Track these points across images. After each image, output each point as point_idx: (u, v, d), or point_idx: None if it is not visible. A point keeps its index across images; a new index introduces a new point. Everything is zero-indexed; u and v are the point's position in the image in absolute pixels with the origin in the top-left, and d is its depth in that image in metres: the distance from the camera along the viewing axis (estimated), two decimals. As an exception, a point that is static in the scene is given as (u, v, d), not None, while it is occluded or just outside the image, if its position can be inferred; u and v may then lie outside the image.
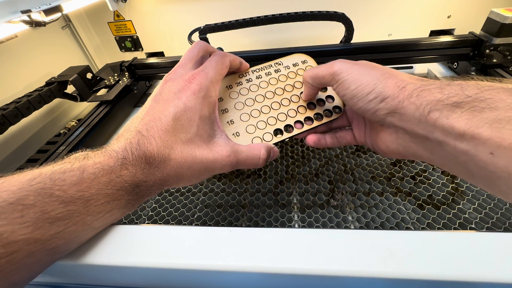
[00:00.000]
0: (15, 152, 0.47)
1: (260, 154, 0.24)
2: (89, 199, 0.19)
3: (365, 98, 0.20)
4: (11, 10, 0.37)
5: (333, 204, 0.32)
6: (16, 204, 0.16)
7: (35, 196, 0.17)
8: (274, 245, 0.20)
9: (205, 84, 0.23)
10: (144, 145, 0.20)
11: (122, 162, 0.20)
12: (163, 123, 0.21)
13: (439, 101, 0.17)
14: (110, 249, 0.21)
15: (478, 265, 0.17)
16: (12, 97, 0.45)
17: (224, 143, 0.23)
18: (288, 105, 0.28)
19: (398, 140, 0.21)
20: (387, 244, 0.19)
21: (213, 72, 0.24)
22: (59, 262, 0.20)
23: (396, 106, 0.19)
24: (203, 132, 0.23)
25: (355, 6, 0.60)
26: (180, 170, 0.21)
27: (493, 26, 0.45)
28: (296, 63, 0.31)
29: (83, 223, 0.19)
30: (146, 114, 0.22)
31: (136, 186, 0.20)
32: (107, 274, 0.22)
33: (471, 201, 0.30)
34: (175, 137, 0.21)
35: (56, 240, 0.18)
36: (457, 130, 0.16)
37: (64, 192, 0.18)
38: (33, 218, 0.16)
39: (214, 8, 0.62)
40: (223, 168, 0.23)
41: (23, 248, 0.16)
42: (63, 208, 0.18)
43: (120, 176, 0.20)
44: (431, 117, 0.17)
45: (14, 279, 0.17)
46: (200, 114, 0.23)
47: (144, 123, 0.21)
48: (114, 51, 0.71)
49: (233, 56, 0.27)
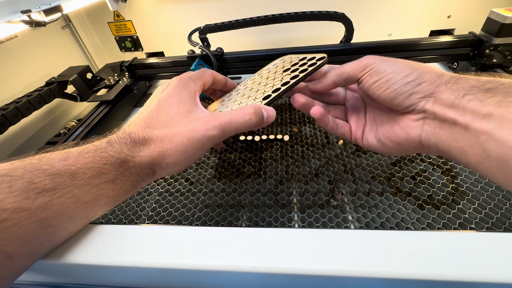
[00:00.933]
0: (15, 152, 0.47)
1: (245, 111, 0.23)
2: (75, 173, 0.19)
3: (402, 80, 0.21)
4: (11, 10, 0.37)
5: (333, 204, 0.32)
6: (4, 176, 0.17)
7: (23, 169, 0.18)
8: (274, 245, 0.20)
9: (184, 79, 0.26)
10: (129, 129, 0.23)
11: (108, 141, 0.22)
12: (148, 111, 0.24)
13: (474, 87, 0.19)
14: (110, 249, 0.21)
15: (478, 265, 0.17)
16: (12, 97, 0.45)
17: (204, 113, 0.24)
18: (272, 82, 0.27)
19: (423, 126, 0.21)
20: (387, 244, 0.19)
21: (193, 73, 0.28)
22: (58, 262, 0.20)
23: (433, 90, 0.20)
24: (182, 110, 0.24)
25: (355, 6, 0.60)
26: (163, 145, 0.22)
27: (493, 26, 0.45)
28: (275, 63, 0.33)
29: (71, 196, 0.19)
30: (137, 114, 0.25)
31: (123, 161, 0.21)
32: (107, 274, 0.22)
33: (471, 201, 0.30)
34: (157, 120, 0.23)
35: (45, 211, 0.18)
36: (486, 110, 0.17)
37: (51, 166, 0.19)
38: (21, 188, 0.17)
39: (214, 8, 0.62)
40: (207, 134, 0.22)
41: (12, 217, 0.16)
42: (50, 180, 0.18)
43: (106, 151, 0.21)
44: (464, 99, 0.18)
45: (8, 250, 0.17)
46: (180, 97, 0.24)
47: (132, 119, 0.25)
48: (114, 51, 0.71)
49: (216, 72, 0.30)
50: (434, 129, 0.21)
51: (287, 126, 0.45)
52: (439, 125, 0.20)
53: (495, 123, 0.17)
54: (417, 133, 0.22)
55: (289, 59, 0.32)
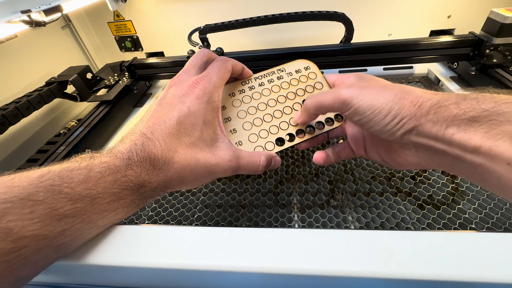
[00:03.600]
0: (15, 152, 0.47)
1: (260, 161, 0.24)
2: (96, 197, 0.19)
3: (382, 121, 0.20)
4: (11, 10, 0.37)
5: (333, 204, 0.32)
6: (26, 200, 0.16)
7: (45, 192, 0.17)
8: (274, 245, 0.20)
9: (208, 89, 0.23)
10: (149, 147, 0.21)
11: (128, 163, 0.20)
12: (167, 126, 0.21)
13: (456, 116, 0.17)
14: (110, 249, 0.21)
15: (478, 265, 0.17)
16: (12, 97, 0.45)
17: (226, 147, 0.24)
18: (290, 113, 0.28)
19: (418, 154, 0.21)
20: (387, 244, 0.19)
21: (216, 77, 0.24)
22: (59, 262, 0.20)
23: (414, 125, 0.19)
24: (206, 136, 0.23)
25: (355, 6, 0.60)
26: (183, 173, 0.22)
27: (493, 26, 0.45)
28: (299, 69, 0.30)
29: (89, 221, 0.19)
30: (151, 117, 0.22)
31: (141, 186, 0.21)
32: (107, 274, 0.22)
33: (471, 201, 0.30)
34: (178, 141, 0.21)
35: (63, 237, 0.18)
36: (473, 144, 0.16)
37: (72, 189, 0.18)
38: (42, 215, 0.17)
39: (214, 8, 0.62)
40: (225, 172, 0.23)
41: (31, 244, 0.16)
42: (71, 205, 0.18)
43: (126, 176, 0.20)
44: (448, 132, 0.18)
45: (21, 274, 0.17)
46: (204, 118, 0.23)
47: (149, 126, 0.22)
48: (114, 51, 0.71)
49: (235, 61, 0.28)
50: (429, 156, 0.20)
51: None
52: (432, 154, 0.20)
53: (485, 157, 0.16)
54: (416, 160, 0.22)
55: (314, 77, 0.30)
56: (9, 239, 0.16)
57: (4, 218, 0.16)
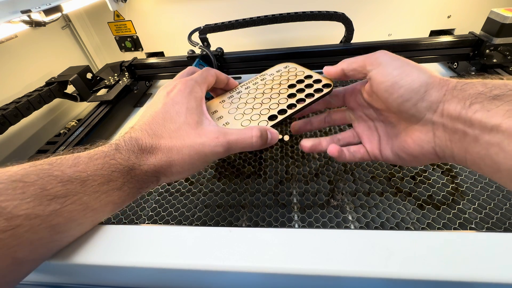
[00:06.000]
0: (15, 152, 0.47)
1: (252, 133, 0.24)
2: (86, 179, 0.19)
3: (409, 85, 0.20)
4: (11, 10, 0.37)
5: (333, 204, 0.32)
6: (18, 181, 0.17)
7: (35, 175, 0.18)
8: (274, 245, 0.20)
9: (190, 83, 0.25)
10: (135, 135, 0.23)
11: (115, 148, 0.21)
12: (153, 117, 0.24)
13: (480, 94, 0.18)
14: (110, 249, 0.21)
15: (478, 265, 0.17)
16: (12, 97, 0.45)
17: (212, 127, 0.24)
18: (278, 97, 0.29)
19: (435, 139, 0.21)
20: (387, 244, 0.19)
21: (198, 76, 0.27)
22: (58, 262, 0.20)
23: (440, 99, 0.19)
24: (190, 120, 0.24)
25: (355, 6, 0.60)
26: (171, 155, 0.22)
27: (493, 26, 0.45)
28: (279, 69, 0.33)
29: (81, 203, 0.19)
30: (141, 116, 0.25)
31: (130, 169, 0.21)
32: (107, 274, 0.22)
33: (471, 201, 0.30)
34: (164, 128, 0.23)
35: (56, 217, 0.18)
36: (493, 122, 0.17)
37: (62, 172, 0.19)
38: (33, 195, 0.17)
39: (214, 8, 0.62)
40: (214, 151, 0.23)
41: (25, 223, 0.17)
42: (61, 186, 0.18)
43: (114, 159, 0.21)
44: (471, 110, 0.18)
45: (18, 255, 0.17)
46: (187, 105, 0.24)
47: (137, 122, 0.24)
48: (114, 51, 0.71)
49: (219, 71, 0.30)
50: (445, 142, 0.20)
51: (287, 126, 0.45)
52: (450, 137, 0.20)
53: (503, 135, 0.16)
54: (431, 146, 0.21)
55: (294, 69, 0.32)
56: (3, 217, 0.16)
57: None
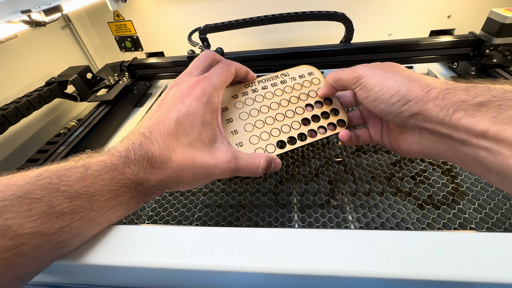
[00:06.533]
0: (15, 152, 0.47)
1: (260, 163, 0.24)
2: (93, 195, 0.19)
3: (388, 100, 0.21)
4: (11, 10, 0.37)
5: (333, 204, 0.32)
6: (24, 198, 0.17)
7: (42, 190, 0.17)
8: (274, 245, 0.20)
9: (208, 90, 0.23)
10: (146, 146, 0.21)
11: (125, 161, 0.20)
12: (165, 126, 0.22)
13: (464, 102, 0.18)
14: (110, 249, 0.21)
15: (478, 265, 0.17)
16: (12, 97, 0.45)
17: (225, 148, 0.24)
18: (292, 117, 0.28)
19: (421, 141, 0.21)
20: (387, 244, 0.19)
21: (217, 78, 0.25)
22: (59, 262, 0.20)
23: (420, 109, 0.20)
24: (204, 137, 0.23)
25: (355, 6, 0.60)
26: (181, 173, 0.22)
27: (493, 26, 0.44)
28: (302, 74, 0.31)
29: (88, 219, 0.19)
30: (151, 118, 0.23)
31: (138, 184, 0.21)
32: (107, 274, 0.22)
33: (471, 201, 0.30)
34: (177, 140, 0.22)
35: (62, 235, 0.18)
36: (480, 128, 0.17)
37: (69, 187, 0.18)
38: (40, 212, 0.17)
39: (214, 8, 0.62)
40: (223, 173, 0.23)
41: (30, 241, 0.16)
42: (68, 203, 0.18)
43: (123, 174, 0.20)
44: (455, 117, 0.18)
45: (20, 272, 0.17)
46: (202, 119, 0.23)
47: (148, 126, 0.22)
48: (114, 51, 0.71)
49: (240, 65, 0.28)
50: (432, 143, 0.20)
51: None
52: (436, 139, 0.20)
53: (491, 141, 0.16)
54: (418, 147, 0.22)
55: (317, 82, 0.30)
56: (7, 236, 0.16)
57: (2, 216, 0.16)
